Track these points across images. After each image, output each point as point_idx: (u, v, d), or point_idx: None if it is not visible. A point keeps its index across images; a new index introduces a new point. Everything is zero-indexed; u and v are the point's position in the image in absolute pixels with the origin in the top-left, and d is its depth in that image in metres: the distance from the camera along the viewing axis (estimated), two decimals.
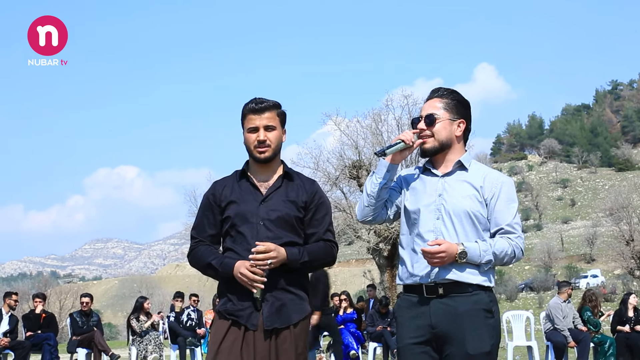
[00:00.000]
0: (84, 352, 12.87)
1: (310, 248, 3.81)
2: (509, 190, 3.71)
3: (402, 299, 3.79)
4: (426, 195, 3.73)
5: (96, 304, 28.90)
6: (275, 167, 3.90)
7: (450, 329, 3.55)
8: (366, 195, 3.80)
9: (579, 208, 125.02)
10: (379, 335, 13.75)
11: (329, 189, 26.81)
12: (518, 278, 75.74)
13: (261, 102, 3.79)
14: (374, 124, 27.88)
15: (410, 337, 3.64)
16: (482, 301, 3.59)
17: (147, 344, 13.18)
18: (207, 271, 3.84)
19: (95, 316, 13.74)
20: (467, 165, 3.76)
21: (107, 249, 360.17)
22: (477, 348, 3.53)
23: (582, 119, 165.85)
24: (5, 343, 12.29)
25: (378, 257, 26.59)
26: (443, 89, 3.86)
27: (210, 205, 3.90)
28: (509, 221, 3.64)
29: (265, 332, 3.69)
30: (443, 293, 3.58)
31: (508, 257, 3.61)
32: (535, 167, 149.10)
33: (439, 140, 3.73)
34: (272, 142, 3.80)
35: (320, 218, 3.89)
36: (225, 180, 3.95)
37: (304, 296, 3.84)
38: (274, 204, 3.80)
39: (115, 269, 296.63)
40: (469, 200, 3.64)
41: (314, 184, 3.97)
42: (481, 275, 3.60)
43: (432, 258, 3.49)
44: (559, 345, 11.97)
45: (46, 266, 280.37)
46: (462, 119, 3.79)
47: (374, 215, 3.83)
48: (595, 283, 62.21)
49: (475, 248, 3.54)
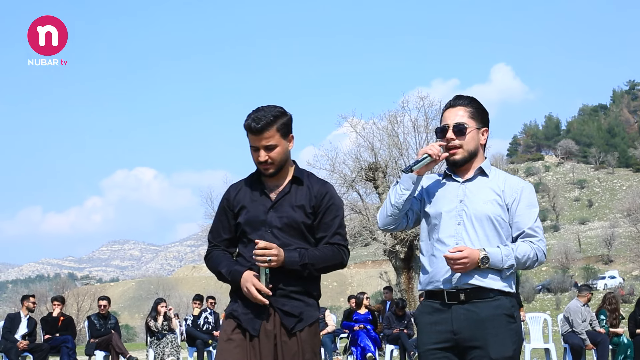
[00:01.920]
0: (102, 355, 12.92)
1: (314, 251, 3.77)
2: (529, 195, 3.71)
3: (423, 304, 3.78)
4: (447, 200, 3.72)
5: (113, 305, 29.03)
6: (285, 173, 3.86)
7: (473, 334, 3.55)
8: (390, 205, 3.77)
9: (596, 209, 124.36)
10: (396, 338, 13.72)
11: (345, 191, 26.82)
12: (535, 279, 75.41)
13: (258, 121, 3.67)
14: (390, 125, 27.85)
15: (432, 342, 3.63)
16: (503, 306, 3.58)
17: (164, 347, 13.21)
18: (219, 278, 3.85)
19: (113, 319, 13.79)
20: (488, 171, 3.76)
21: (124, 250, 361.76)
22: (499, 353, 3.52)
23: (599, 120, 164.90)
24: (24, 346, 12.37)
25: (395, 259, 26.54)
26: (464, 96, 3.84)
27: (224, 210, 3.91)
28: (530, 225, 3.64)
29: (269, 338, 3.69)
30: (465, 299, 3.58)
31: (530, 261, 3.60)
32: (552, 168, 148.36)
33: (467, 151, 3.72)
34: (274, 159, 3.74)
35: (328, 221, 3.82)
36: (240, 184, 3.94)
37: (312, 302, 3.81)
38: (282, 211, 3.77)
39: (133, 271, 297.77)
40: (491, 205, 3.64)
41: (324, 186, 3.89)
42: (502, 280, 3.60)
43: (455, 264, 3.49)
44: (576, 348, 11.91)
45: (64, 268, 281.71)
46: (485, 127, 3.80)
47: (396, 224, 3.83)
48: (612, 284, 61.83)
49: (497, 253, 3.53)
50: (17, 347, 12.29)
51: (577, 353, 11.93)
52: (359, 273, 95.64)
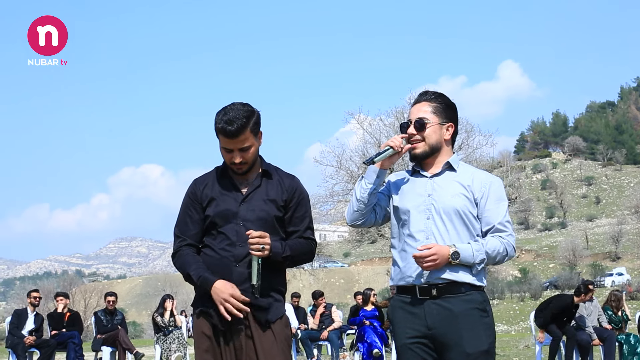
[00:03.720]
0: (109, 351, 12.94)
1: (292, 244, 3.80)
2: (498, 189, 3.73)
3: (395, 299, 3.79)
4: (416, 195, 3.74)
5: (120, 302, 29.02)
6: (254, 167, 3.87)
7: (447, 329, 3.57)
8: (355, 200, 3.81)
9: (603, 206, 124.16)
10: None
11: (351, 187, 26.81)
12: (542, 276, 75.43)
13: (232, 123, 3.64)
14: (397, 121, 27.82)
15: (407, 336, 3.66)
16: (475, 300, 3.61)
17: (170, 343, 13.22)
18: (187, 279, 3.82)
19: (120, 315, 13.80)
20: (456, 166, 3.78)
21: (131, 247, 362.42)
22: (475, 347, 3.55)
23: (606, 116, 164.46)
24: (31, 341, 12.40)
25: None
26: (431, 92, 3.88)
27: (192, 203, 3.88)
28: (499, 220, 3.67)
29: (243, 331, 3.71)
30: (437, 294, 3.60)
31: (500, 256, 3.63)
32: (559, 165, 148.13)
33: (429, 145, 3.74)
34: (248, 160, 3.76)
35: (300, 216, 3.88)
36: (206, 177, 3.92)
37: (279, 298, 3.83)
38: (253, 204, 3.78)
39: (140, 268, 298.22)
40: (459, 199, 3.66)
41: (293, 180, 3.93)
42: (473, 275, 3.61)
43: (424, 262, 3.50)
44: (583, 344, 11.87)
45: (71, 265, 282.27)
46: (450, 123, 3.81)
47: (363, 219, 3.84)
48: (620, 281, 61.82)
49: (467, 248, 3.55)
50: (24, 343, 12.33)
51: (584, 349, 11.90)
52: (365, 270, 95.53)
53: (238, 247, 3.71)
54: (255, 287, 3.66)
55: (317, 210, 31.00)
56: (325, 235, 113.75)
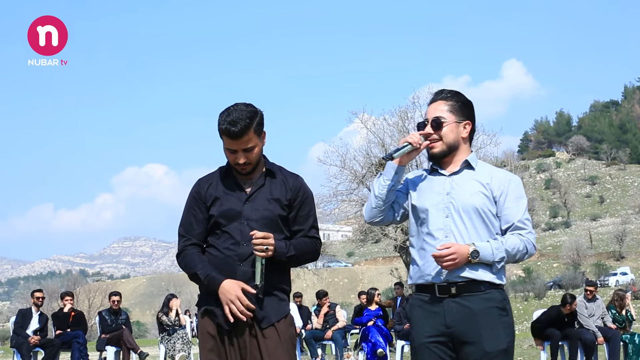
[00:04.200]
0: (113, 350, 12.95)
1: (297, 243, 3.79)
2: (517, 187, 3.71)
3: (414, 298, 3.79)
4: (434, 194, 3.73)
5: (125, 302, 28.95)
6: (258, 166, 3.86)
7: (466, 328, 3.55)
8: (374, 197, 3.80)
9: (607, 205, 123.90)
10: (407, 334, 13.62)
11: (355, 187, 26.84)
12: (547, 276, 75.35)
13: (236, 124, 3.63)
14: (401, 121, 27.87)
15: (426, 335, 3.64)
16: (495, 299, 3.60)
17: (175, 342, 13.22)
18: (193, 279, 3.81)
19: (124, 314, 13.81)
20: (474, 164, 3.77)
21: (135, 247, 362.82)
22: (494, 346, 3.53)
23: (610, 116, 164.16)
24: (35, 341, 12.43)
25: (405, 255, 26.54)
26: (447, 90, 3.86)
27: (196, 202, 3.87)
28: (519, 217, 3.64)
29: (248, 330, 3.69)
30: (456, 292, 3.59)
31: (520, 254, 3.61)
32: (563, 164, 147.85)
33: (446, 144, 3.73)
34: (252, 160, 3.75)
35: (305, 215, 3.87)
36: (210, 177, 3.92)
37: (284, 297, 3.81)
38: (258, 203, 3.77)
39: (144, 267, 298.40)
40: (478, 197, 3.65)
41: (297, 179, 3.92)
42: (493, 273, 3.60)
43: (443, 261, 3.49)
44: (588, 343, 11.87)
45: (75, 265, 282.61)
46: (467, 121, 3.80)
47: (382, 216, 3.83)
48: (624, 281, 61.70)
49: (486, 247, 3.54)
50: (29, 343, 12.36)
51: (589, 348, 11.89)
52: (369, 270, 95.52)
53: (242, 246, 3.70)
54: (259, 287, 3.65)
55: (321, 210, 31.03)
56: (329, 235, 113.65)
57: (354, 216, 31.88)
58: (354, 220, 33.79)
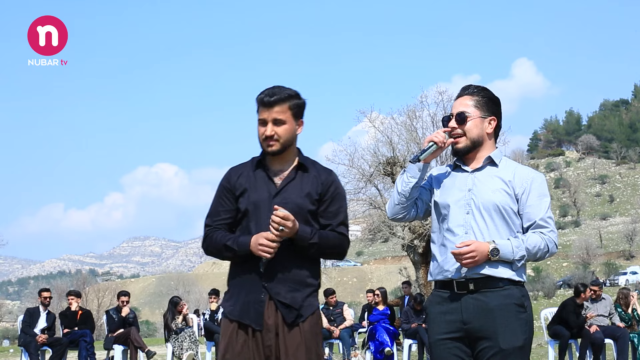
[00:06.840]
0: (120, 349, 12.96)
1: (323, 233, 3.69)
2: (540, 185, 3.66)
3: (433, 294, 3.76)
4: (456, 190, 3.70)
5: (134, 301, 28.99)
6: (290, 157, 3.78)
7: (482, 324, 3.52)
8: (397, 194, 3.77)
9: (617, 204, 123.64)
10: (414, 332, 13.68)
11: (363, 186, 26.84)
12: (556, 275, 75.20)
13: (272, 95, 3.62)
14: (409, 120, 27.79)
15: (442, 332, 3.62)
16: (513, 295, 3.55)
17: (182, 341, 13.23)
18: (224, 254, 3.71)
19: (132, 313, 13.81)
20: (498, 161, 3.73)
21: (144, 247, 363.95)
22: (509, 343, 3.49)
23: (620, 115, 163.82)
24: (43, 340, 12.45)
25: (413, 254, 26.51)
26: (473, 86, 3.83)
27: (225, 191, 3.79)
28: (541, 215, 3.59)
29: (271, 331, 3.62)
30: (474, 288, 3.55)
31: (541, 252, 3.56)
32: (573, 164, 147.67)
33: (470, 139, 3.70)
34: (280, 136, 3.66)
35: (334, 210, 3.76)
36: (241, 167, 3.84)
37: (312, 292, 3.73)
38: (287, 197, 3.68)
39: (153, 267, 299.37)
40: (499, 194, 3.60)
41: (330, 175, 3.81)
42: (513, 270, 3.56)
43: (463, 259, 3.47)
44: (597, 342, 11.83)
45: (85, 264, 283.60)
46: (493, 116, 3.75)
47: (405, 212, 3.80)
48: (634, 280, 61.57)
49: (507, 245, 3.50)
50: (36, 341, 12.38)
51: (597, 347, 11.86)
52: (378, 269, 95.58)
53: None
54: (263, 262, 3.60)
55: None
56: None
57: (362, 215, 31.84)
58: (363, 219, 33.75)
